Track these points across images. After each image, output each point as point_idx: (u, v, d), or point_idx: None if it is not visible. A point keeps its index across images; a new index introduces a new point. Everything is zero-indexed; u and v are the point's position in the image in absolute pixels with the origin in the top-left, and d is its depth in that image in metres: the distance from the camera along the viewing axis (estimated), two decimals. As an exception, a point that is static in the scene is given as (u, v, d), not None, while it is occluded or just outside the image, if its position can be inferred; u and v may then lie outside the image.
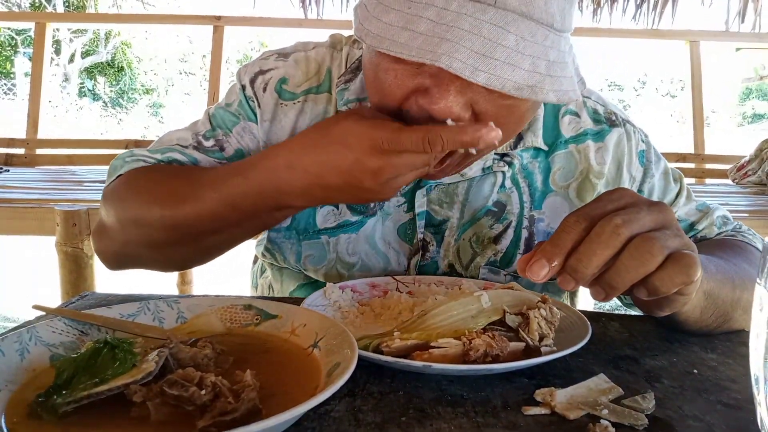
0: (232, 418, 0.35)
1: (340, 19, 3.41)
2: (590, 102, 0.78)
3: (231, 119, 0.75)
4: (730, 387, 0.50)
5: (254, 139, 0.75)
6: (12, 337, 0.44)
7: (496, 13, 0.50)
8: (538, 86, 0.50)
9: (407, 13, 0.52)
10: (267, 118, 0.74)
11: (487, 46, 0.49)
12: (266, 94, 0.74)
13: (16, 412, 0.38)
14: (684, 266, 0.46)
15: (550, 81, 0.51)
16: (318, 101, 0.74)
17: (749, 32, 3.51)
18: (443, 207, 0.74)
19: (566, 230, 0.48)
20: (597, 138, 0.76)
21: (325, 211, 0.76)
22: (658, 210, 0.48)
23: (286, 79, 0.74)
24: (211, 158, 0.74)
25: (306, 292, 0.80)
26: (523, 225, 0.75)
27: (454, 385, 0.48)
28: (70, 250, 1.70)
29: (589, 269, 0.46)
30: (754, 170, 2.84)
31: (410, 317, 0.54)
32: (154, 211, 0.65)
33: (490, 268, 0.76)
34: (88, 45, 12.28)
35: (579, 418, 0.42)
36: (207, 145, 0.74)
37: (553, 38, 0.53)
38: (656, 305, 0.53)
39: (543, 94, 0.51)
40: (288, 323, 0.51)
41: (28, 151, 3.23)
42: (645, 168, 0.78)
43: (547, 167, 0.75)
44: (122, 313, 0.51)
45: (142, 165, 0.72)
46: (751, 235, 0.77)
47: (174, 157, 0.73)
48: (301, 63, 0.74)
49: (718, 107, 14.53)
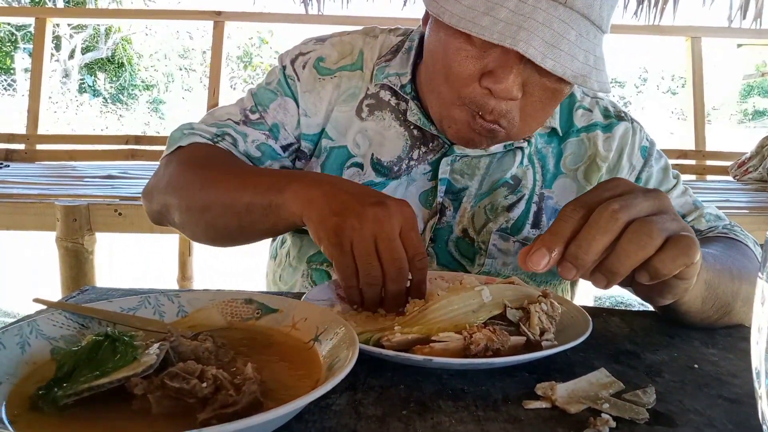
0: (234, 410, 0.35)
1: (341, 14, 3.41)
2: (603, 102, 0.84)
3: (270, 96, 0.83)
4: (731, 382, 0.50)
5: (287, 113, 0.82)
6: (13, 330, 0.44)
7: (565, 11, 0.59)
8: (587, 76, 0.60)
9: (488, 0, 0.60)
10: (306, 89, 0.82)
11: (556, 38, 0.59)
12: (305, 71, 0.82)
13: (17, 405, 0.38)
14: (684, 247, 0.46)
15: (596, 73, 0.61)
16: (352, 77, 0.82)
17: (751, 28, 3.50)
18: (464, 177, 0.80)
19: (564, 219, 0.48)
20: (606, 129, 0.82)
21: (351, 172, 0.81)
22: (655, 196, 0.49)
23: (324, 58, 0.82)
24: (257, 130, 0.82)
25: (324, 257, 0.82)
26: (533, 200, 0.80)
27: (455, 379, 0.48)
28: (71, 245, 1.71)
29: (589, 255, 0.47)
30: (755, 167, 2.84)
31: (411, 311, 0.54)
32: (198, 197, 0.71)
33: (501, 234, 0.80)
34: (88, 41, 12.26)
35: (580, 412, 0.42)
36: (253, 118, 0.82)
37: (600, 38, 0.63)
38: (658, 292, 0.54)
39: (590, 82, 0.60)
40: (289, 317, 0.51)
41: (28, 146, 3.22)
42: (645, 160, 0.83)
43: (559, 152, 0.82)
44: (123, 307, 0.51)
45: (199, 140, 0.79)
46: (743, 234, 0.79)
47: (227, 131, 0.81)
48: (336, 45, 0.83)
49: (719, 104, 14.51)
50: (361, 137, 0.81)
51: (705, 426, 0.42)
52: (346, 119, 0.81)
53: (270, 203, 0.63)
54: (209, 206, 0.70)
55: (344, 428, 0.39)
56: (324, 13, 3.46)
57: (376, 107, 0.81)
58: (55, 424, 0.36)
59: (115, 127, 11.56)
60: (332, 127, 0.82)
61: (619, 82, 15.91)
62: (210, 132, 0.81)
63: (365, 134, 0.81)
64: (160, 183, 0.77)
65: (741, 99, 15.13)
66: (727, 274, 0.61)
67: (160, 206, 0.77)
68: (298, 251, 0.86)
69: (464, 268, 0.80)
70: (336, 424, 0.40)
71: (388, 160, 0.80)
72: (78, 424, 0.36)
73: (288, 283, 0.88)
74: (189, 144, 0.79)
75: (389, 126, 0.80)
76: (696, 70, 3.35)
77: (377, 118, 0.80)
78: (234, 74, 12.65)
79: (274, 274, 0.93)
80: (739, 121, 14.69)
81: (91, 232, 1.74)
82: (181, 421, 0.36)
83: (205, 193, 0.70)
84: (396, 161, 0.80)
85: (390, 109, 0.80)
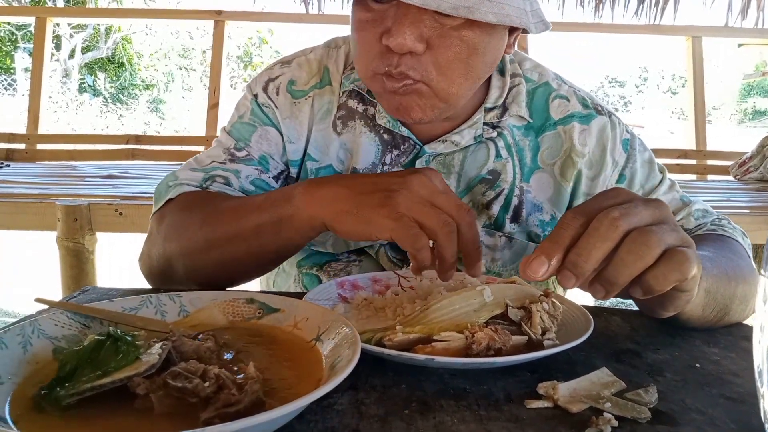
0: (236, 410, 0.35)
1: (341, 13, 3.41)
2: (581, 93, 0.82)
3: (248, 129, 0.80)
4: (732, 381, 0.50)
5: (271, 142, 0.80)
6: (15, 329, 0.44)
7: None
8: (473, 7, 0.57)
9: None
10: (286, 115, 0.80)
11: None
12: (280, 97, 0.80)
13: (20, 405, 0.38)
14: (677, 263, 0.46)
15: (488, 4, 0.58)
16: (323, 95, 0.81)
17: (752, 28, 3.49)
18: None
19: (564, 227, 0.48)
20: (583, 121, 0.80)
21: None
22: (655, 206, 0.49)
23: (294, 81, 0.81)
24: (248, 166, 0.79)
25: (314, 261, 0.83)
26: (514, 194, 0.80)
27: (457, 378, 0.48)
28: (71, 245, 1.70)
29: (588, 263, 0.46)
30: (755, 166, 2.83)
31: (412, 311, 0.54)
32: (200, 236, 0.67)
33: (486, 230, 0.80)
34: (88, 40, 12.25)
35: (582, 411, 0.42)
36: (240, 155, 0.79)
37: None
38: (659, 305, 0.54)
39: (480, 14, 0.57)
40: (290, 317, 0.51)
41: (28, 146, 3.22)
42: (628, 154, 0.81)
43: (536, 146, 0.80)
44: (124, 307, 0.51)
45: (187, 189, 0.75)
46: (731, 229, 0.78)
47: (217, 173, 0.77)
48: (303, 65, 0.82)
49: (719, 104, 14.50)
50: (343, 152, 0.80)
51: (707, 425, 0.42)
52: (325, 137, 0.80)
53: (280, 218, 0.61)
54: (214, 242, 0.66)
55: (346, 428, 0.39)
56: (324, 13, 3.46)
57: (348, 118, 0.80)
58: (58, 423, 0.36)
59: (116, 126, 11.56)
60: (314, 148, 0.81)
61: (619, 81, 15.89)
62: (197, 179, 0.77)
63: (345, 148, 0.80)
64: (156, 240, 0.73)
65: (741, 99, 15.12)
66: (724, 277, 0.61)
67: (161, 262, 0.72)
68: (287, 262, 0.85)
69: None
70: (338, 423, 0.40)
71: (364, 167, 0.79)
72: (80, 423, 0.36)
73: (281, 288, 0.89)
74: (177, 195, 0.75)
75: (360, 133, 0.79)
76: (696, 69, 3.35)
77: (350, 128, 0.79)
78: (234, 74, 12.65)
79: (267, 281, 0.93)
80: (739, 120, 14.68)
81: (91, 231, 1.74)
82: (184, 420, 0.36)
83: (207, 230, 0.66)
84: (371, 168, 0.79)
85: (359, 116, 0.79)
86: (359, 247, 0.81)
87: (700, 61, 3.34)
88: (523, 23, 0.61)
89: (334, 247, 0.81)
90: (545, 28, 0.66)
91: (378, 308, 0.62)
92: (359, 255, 0.82)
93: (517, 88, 0.78)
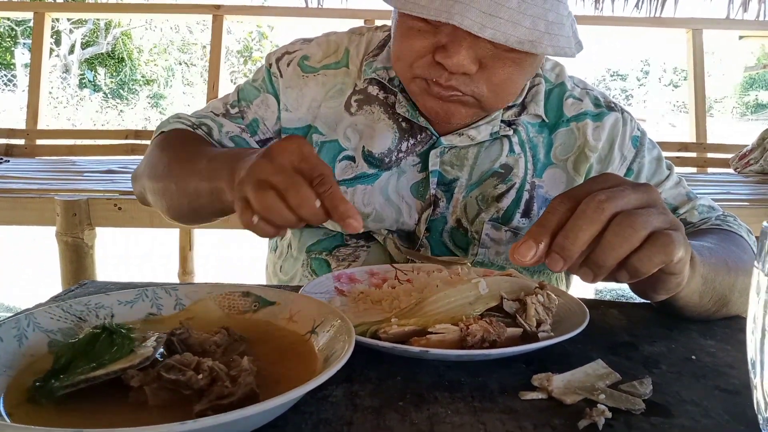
0: (229, 402, 0.35)
1: (341, 7, 3.39)
2: (594, 93, 0.84)
3: (254, 93, 0.86)
4: (728, 372, 0.50)
5: (268, 110, 0.86)
6: (10, 323, 0.44)
7: None
8: (536, 41, 0.61)
9: None
10: (288, 85, 0.84)
11: (494, 7, 0.59)
12: (289, 68, 0.85)
13: (15, 397, 0.38)
14: (661, 245, 0.46)
15: (548, 38, 0.61)
16: (337, 75, 0.84)
17: (753, 20, 3.47)
18: (454, 168, 0.80)
19: (552, 211, 0.48)
20: (595, 119, 0.81)
21: (344, 165, 0.83)
22: (644, 190, 0.49)
23: (308, 57, 0.85)
24: (233, 123, 0.86)
25: (323, 246, 0.84)
26: (525, 188, 0.80)
27: (452, 370, 0.48)
28: (71, 240, 1.71)
29: (575, 246, 0.46)
30: (756, 159, 2.83)
31: (408, 303, 0.54)
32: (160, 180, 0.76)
33: (493, 224, 0.80)
34: (88, 36, 12.22)
35: (576, 402, 0.42)
36: (232, 112, 0.87)
37: (553, 2, 0.62)
38: (651, 288, 0.54)
39: (540, 47, 0.61)
40: (286, 310, 0.51)
41: (28, 141, 3.22)
42: (637, 150, 0.82)
43: (550, 142, 0.82)
44: (120, 300, 0.51)
45: (180, 126, 0.85)
46: (737, 225, 0.79)
47: (205, 121, 0.86)
48: (322, 44, 0.86)
49: (720, 96, 14.45)
50: (351, 131, 0.82)
51: (701, 416, 0.42)
52: (335, 114, 0.82)
53: (212, 190, 0.64)
54: (167, 190, 0.74)
55: (341, 419, 0.40)
56: (324, 7, 3.45)
57: (365, 102, 0.82)
58: (52, 415, 0.36)
59: (116, 122, 11.54)
60: (322, 123, 0.83)
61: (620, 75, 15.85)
62: (190, 120, 0.86)
63: (355, 128, 0.82)
64: (141, 165, 0.83)
65: (742, 91, 15.07)
66: (723, 266, 0.61)
67: (140, 188, 0.84)
68: (299, 241, 0.87)
69: None
70: (332, 415, 0.40)
71: (379, 151, 0.80)
72: (75, 415, 0.36)
73: (289, 273, 0.89)
74: (170, 129, 0.84)
75: (378, 119, 0.81)
76: (697, 62, 3.33)
77: (366, 112, 0.81)
78: (234, 69, 12.62)
79: (274, 266, 0.93)
80: (741, 113, 14.64)
81: (91, 226, 1.74)
82: (177, 412, 0.36)
83: (166, 177, 0.74)
84: (386, 153, 0.80)
85: (378, 103, 0.81)
86: (367, 230, 0.82)
87: (700, 54, 3.32)
88: (572, 51, 0.65)
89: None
90: (581, 48, 0.68)
91: (374, 301, 0.62)
92: (368, 240, 0.83)
93: (536, 88, 0.81)
